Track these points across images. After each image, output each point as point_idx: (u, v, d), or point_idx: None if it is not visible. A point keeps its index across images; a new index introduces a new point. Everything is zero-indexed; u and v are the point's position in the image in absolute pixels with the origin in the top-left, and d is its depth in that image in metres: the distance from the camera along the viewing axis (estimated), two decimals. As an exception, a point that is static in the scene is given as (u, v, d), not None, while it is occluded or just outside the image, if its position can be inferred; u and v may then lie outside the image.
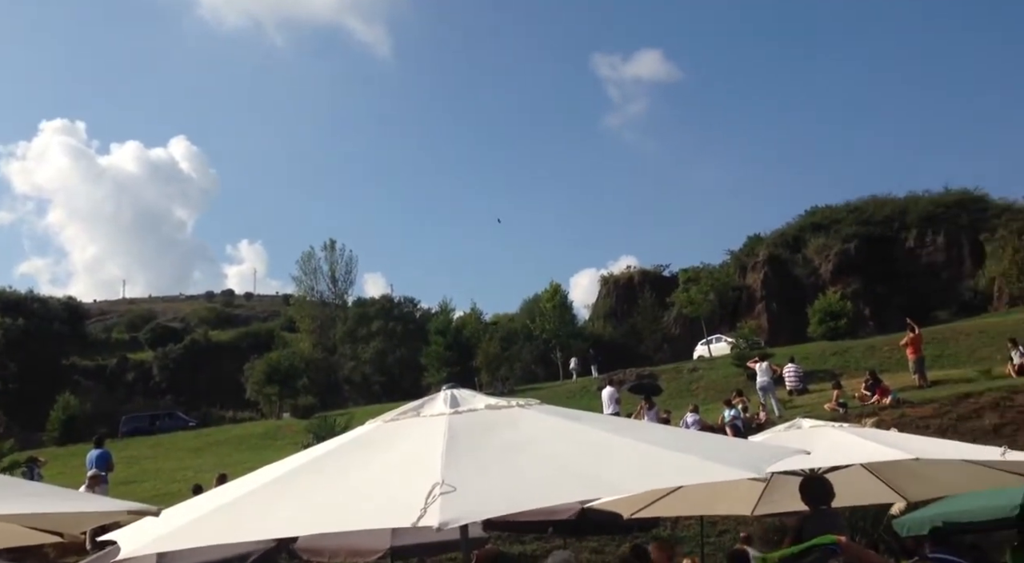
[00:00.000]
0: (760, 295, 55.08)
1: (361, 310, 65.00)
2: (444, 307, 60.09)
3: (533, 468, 3.23)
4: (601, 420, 4.15)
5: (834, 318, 40.56)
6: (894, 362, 28.79)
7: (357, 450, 3.55)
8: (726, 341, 41.45)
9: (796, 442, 6.06)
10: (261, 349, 60.22)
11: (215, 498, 3.56)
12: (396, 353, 60.49)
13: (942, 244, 53.57)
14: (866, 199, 59.49)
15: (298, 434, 32.08)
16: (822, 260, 55.08)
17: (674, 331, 55.92)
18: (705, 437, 4.77)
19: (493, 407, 3.73)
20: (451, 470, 2.95)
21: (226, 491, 3.65)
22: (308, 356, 58.40)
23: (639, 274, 62.85)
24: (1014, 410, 19.49)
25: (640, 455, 3.38)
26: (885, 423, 17.59)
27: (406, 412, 3.78)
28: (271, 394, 50.49)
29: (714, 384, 33.40)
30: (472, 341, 51.52)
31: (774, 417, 21.42)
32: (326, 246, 66.31)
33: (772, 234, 60.63)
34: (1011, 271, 40.71)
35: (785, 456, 4.03)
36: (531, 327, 54.03)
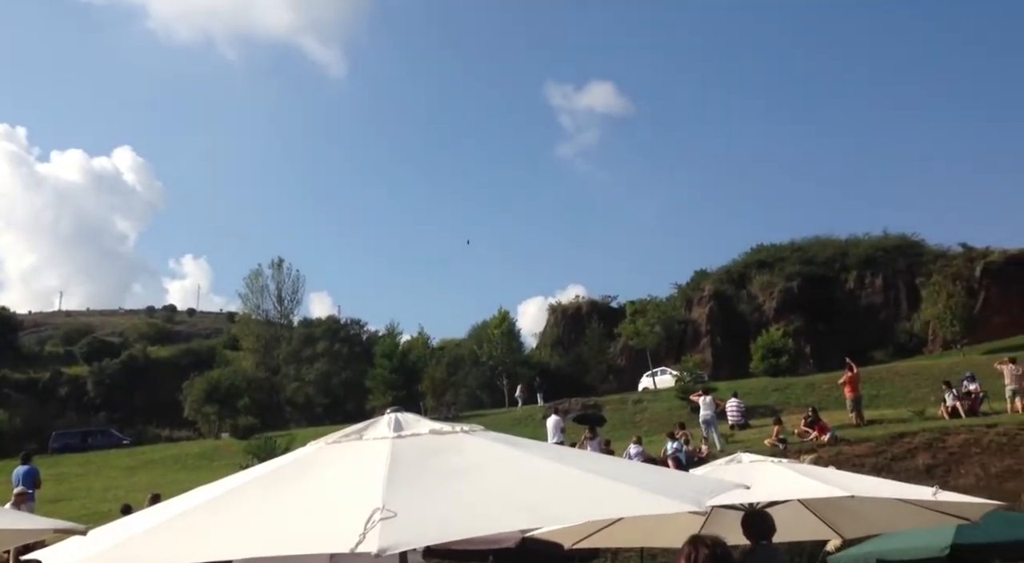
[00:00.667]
0: (705, 329, 55.93)
1: (307, 330, 64.13)
2: (391, 330, 59.65)
3: (475, 495, 3.20)
4: (545, 448, 4.15)
5: (776, 355, 41.31)
6: (832, 400, 29.40)
7: (296, 472, 3.49)
8: (671, 374, 41.87)
9: (736, 476, 6.10)
10: (202, 367, 58.96)
11: (146, 519, 3.45)
12: (341, 375, 59.70)
13: (880, 286, 55.21)
14: (810, 239, 61.17)
15: (237, 455, 31.38)
16: (766, 297, 56.24)
17: (620, 362, 56.35)
18: (647, 469, 4.79)
19: (437, 432, 3.70)
20: (392, 495, 2.92)
21: (158, 512, 3.55)
22: (250, 375, 57.31)
23: (587, 304, 63.34)
24: (945, 451, 20.03)
25: (582, 485, 3.38)
26: (823, 460, 17.93)
27: (348, 435, 3.73)
28: (210, 413, 49.36)
29: (658, 416, 33.65)
30: (418, 365, 51.17)
31: (715, 451, 21.65)
32: (273, 264, 65.50)
33: (718, 270, 61.81)
34: (945, 315, 42.03)
35: (725, 490, 4.06)
36: (478, 353, 53.92)
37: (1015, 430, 20.49)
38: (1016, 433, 20.32)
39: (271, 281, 65.16)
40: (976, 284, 50.27)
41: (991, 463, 19.38)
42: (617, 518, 6.78)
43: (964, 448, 20.06)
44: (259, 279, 64.81)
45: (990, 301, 49.16)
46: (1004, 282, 50.62)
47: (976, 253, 53.60)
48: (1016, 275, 50.86)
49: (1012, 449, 19.74)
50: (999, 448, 19.88)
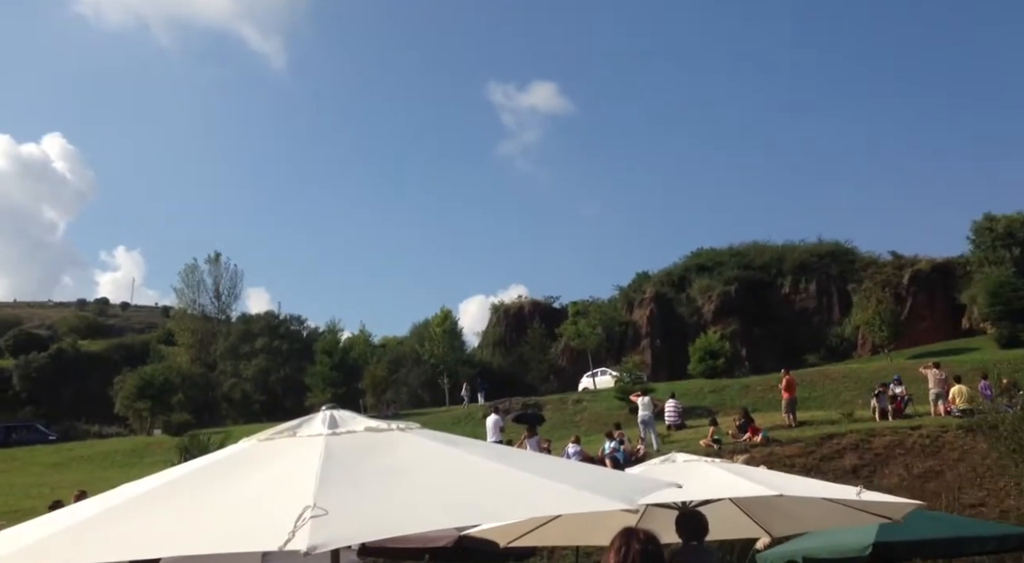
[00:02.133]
0: (646, 331, 56.65)
1: (245, 326, 63.00)
2: (332, 327, 59.03)
3: (410, 493, 3.20)
4: (480, 447, 4.16)
5: (713, 357, 42.10)
6: (766, 402, 30.09)
7: (227, 469, 3.43)
8: (611, 374, 42.29)
9: (670, 476, 6.20)
10: (135, 362, 57.41)
11: (69, 515, 3.36)
12: (280, 372, 58.82)
13: (814, 292, 56.69)
14: (748, 244, 62.45)
15: (169, 452, 30.70)
16: (705, 300, 57.23)
17: (561, 362, 56.71)
18: (581, 467, 4.84)
19: (373, 430, 3.68)
20: (324, 493, 2.89)
21: (83, 508, 3.45)
22: (185, 371, 56.05)
23: (530, 304, 63.57)
24: (872, 452, 20.69)
25: (516, 483, 3.40)
26: (755, 460, 18.34)
27: (282, 431, 3.68)
28: (142, 409, 48.15)
29: (597, 416, 33.96)
30: (359, 363, 50.73)
31: (652, 450, 21.94)
32: (210, 259, 64.24)
33: (659, 273, 62.68)
34: (874, 321, 43.37)
35: (657, 489, 4.13)
36: (420, 351, 53.68)
37: (937, 432, 21.26)
38: (938, 435, 21.09)
39: (208, 275, 63.94)
40: (904, 291, 52.04)
41: (914, 464, 20.08)
42: (553, 516, 6.84)
43: (889, 449, 20.74)
44: (195, 273, 63.58)
45: (916, 308, 50.96)
46: (930, 289, 52.55)
47: (905, 261, 55.47)
48: (941, 283, 52.86)
49: (934, 451, 20.49)
50: (922, 449, 20.61)
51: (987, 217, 50.39)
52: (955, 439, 20.69)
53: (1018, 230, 48.72)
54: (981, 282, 44.94)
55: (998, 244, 48.49)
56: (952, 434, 20.95)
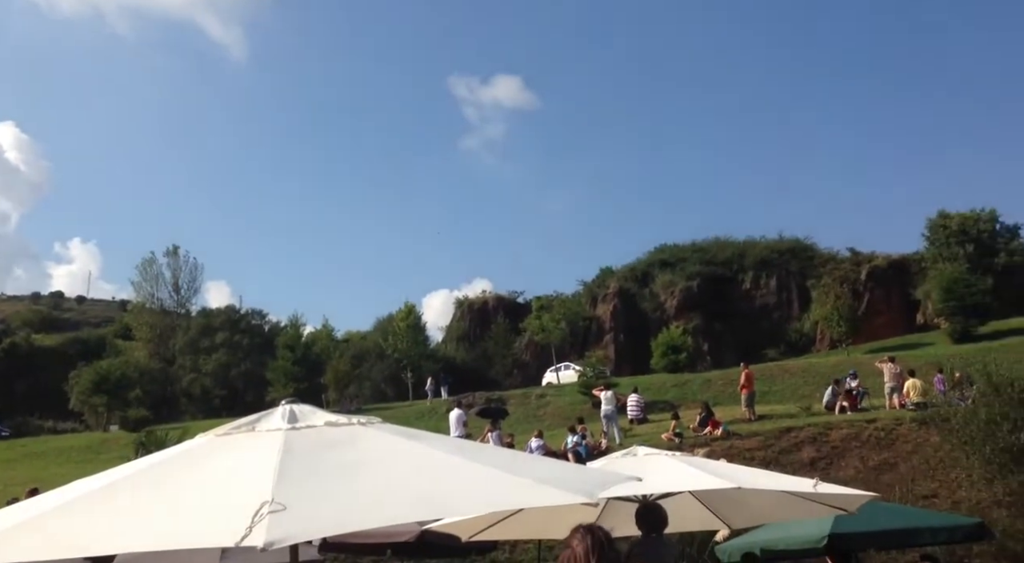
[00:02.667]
0: (609, 326, 57.02)
1: (205, 320, 62.15)
2: (294, 321, 58.44)
3: (370, 488, 3.18)
4: (441, 441, 4.15)
5: (675, 352, 42.52)
6: (727, 395, 30.47)
7: (184, 465, 3.38)
8: (574, 369, 42.49)
9: (630, 469, 6.27)
10: (91, 356, 56.31)
11: (20, 512, 3.28)
12: (241, 366, 58.14)
13: (774, 287, 57.54)
14: (710, 240, 63.15)
15: (126, 448, 30.22)
16: (668, 296, 57.75)
17: (525, 357, 56.85)
18: (542, 461, 4.87)
19: (333, 424, 3.65)
20: (283, 488, 2.86)
21: (35, 504, 3.38)
22: (143, 366, 55.14)
23: (494, 299, 63.62)
24: (828, 445, 21.07)
25: (478, 477, 3.40)
26: (715, 453, 18.55)
27: (240, 426, 3.63)
28: (98, 405, 47.29)
29: (560, 410, 34.11)
30: (322, 357, 50.34)
31: (615, 444, 22.09)
32: (169, 252, 63.22)
33: (623, 268, 63.11)
34: (832, 316, 44.11)
35: (617, 482, 4.16)
36: (384, 346, 53.41)
37: (892, 425, 21.72)
38: (893, 428, 21.54)
39: (167, 269, 62.94)
40: (861, 287, 53.06)
41: (869, 456, 20.49)
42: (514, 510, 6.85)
43: (845, 442, 21.14)
44: (153, 266, 62.55)
45: (873, 303, 51.99)
46: (886, 285, 53.65)
47: (862, 257, 56.55)
48: (897, 279, 54.00)
49: (889, 443, 20.93)
50: (877, 442, 21.04)
51: (941, 214, 51.54)
52: (909, 432, 21.14)
53: (971, 227, 49.90)
54: (935, 278, 45.93)
55: (952, 241, 49.60)
56: (906, 427, 21.40)
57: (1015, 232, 51.45)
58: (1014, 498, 16.93)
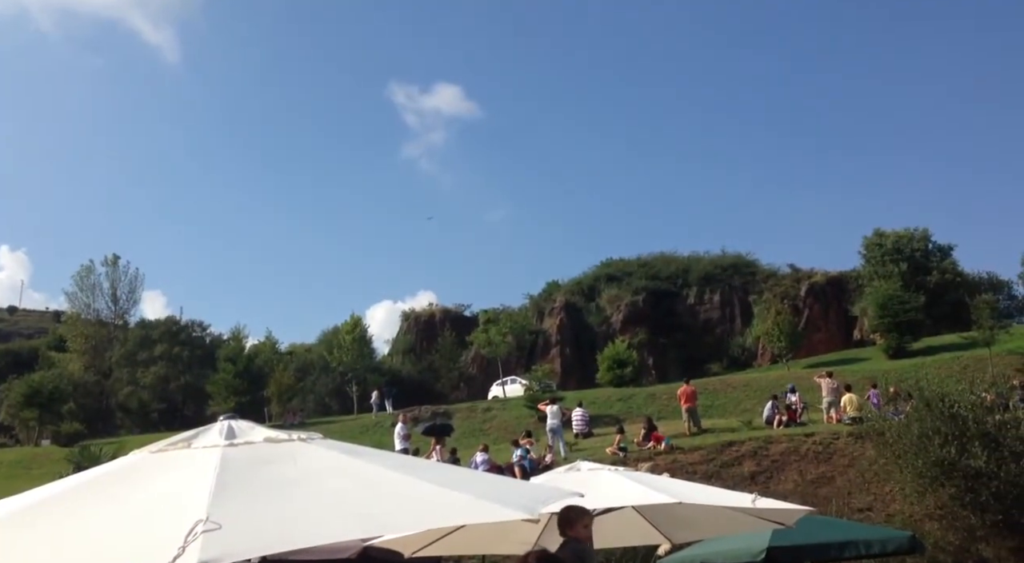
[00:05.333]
0: (555, 340, 57.24)
1: (143, 332, 60.57)
2: (236, 333, 57.41)
3: (310, 505, 3.15)
4: (383, 457, 4.12)
5: (621, 366, 42.85)
6: (671, 410, 30.81)
7: (116, 482, 3.30)
8: (520, 383, 42.50)
9: (574, 484, 6.31)
10: (22, 369, 54.32)
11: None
12: (180, 379, 56.78)
13: (717, 303, 58.53)
14: (655, 255, 64.04)
15: (58, 463, 29.24)
16: (613, 310, 58.27)
17: (471, 370, 56.72)
18: (484, 477, 4.86)
19: (272, 440, 3.61)
20: (219, 506, 2.82)
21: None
22: (77, 379, 53.46)
23: (440, 312, 63.42)
24: (768, 459, 21.47)
25: (418, 493, 3.39)
26: (659, 467, 18.76)
27: (176, 443, 3.57)
28: (29, 419, 45.67)
29: (506, 424, 34.11)
30: (265, 370, 49.47)
31: (560, 458, 22.17)
32: (107, 261, 61.50)
33: (569, 282, 63.53)
34: (773, 331, 44.99)
35: (560, 498, 4.20)
36: (328, 359, 52.75)
37: (830, 439, 22.24)
38: (831, 442, 22.06)
39: (104, 279, 61.25)
40: (801, 303, 54.32)
41: (808, 470, 20.94)
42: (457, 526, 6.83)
43: (785, 456, 21.57)
44: (90, 276, 60.78)
45: (812, 319, 53.25)
46: (825, 301, 55.05)
47: (802, 274, 57.96)
48: (835, 295, 55.49)
49: (826, 457, 21.42)
50: (815, 456, 21.52)
51: (877, 233, 53.16)
52: (846, 446, 21.67)
53: (905, 246, 51.54)
54: (871, 295, 47.21)
55: (887, 259, 51.14)
56: (843, 441, 21.93)
57: (947, 252, 53.29)
58: (944, 511, 17.48)
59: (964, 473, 16.84)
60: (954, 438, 16.99)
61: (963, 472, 16.84)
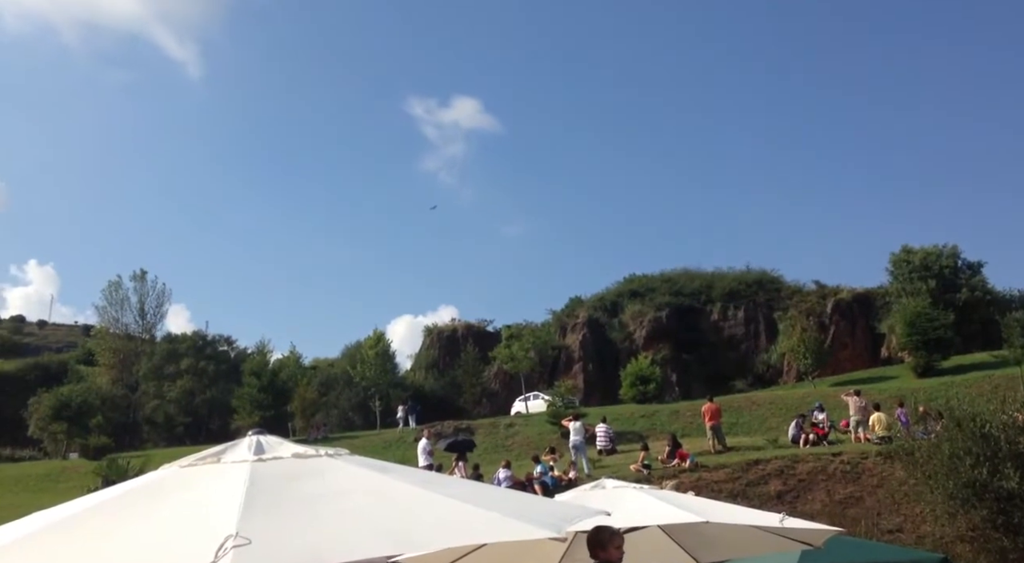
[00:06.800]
0: (578, 355, 57.08)
1: (170, 346, 61.19)
2: (261, 348, 57.81)
3: (337, 521, 3.15)
4: (409, 473, 4.12)
5: (644, 382, 42.58)
6: (695, 427, 30.56)
7: (146, 497, 3.32)
8: (543, 398, 42.39)
9: (599, 502, 6.27)
10: (52, 382, 55.07)
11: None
12: (205, 393, 57.24)
13: (742, 319, 58.08)
14: (679, 271, 63.76)
15: (86, 477, 29.54)
16: (637, 326, 58.02)
17: (494, 386, 56.67)
18: (509, 494, 4.84)
19: (300, 456, 3.62)
20: (248, 521, 2.83)
21: (-11, 539, 3.30)
22: (105, 392, 54.06)
23: (463, 327, 63.50)
24: (795, 478, 21.19)
25: (445, 511, 3.38)
26: (684, 485, 18.59)
27: (205, 457, 3.59)
28: (58, 432, 46.24)
29: (529, 440, 33.99)
30: (289, 385, 49.72)
31: (583, 475, 22.06)
32: (135, 276, 62.34)
33: (592, 297, 63.39)
34: (799, 348, 44.55)
35: (586, 516, 4.16)
36: (352, 373, 52.93)
37: (858, 459, 21.92)
38: (859, 461, 21.74)
39: (133, 293, 62.04)
40: (827, 320, 53.79)
41: (836, 490, 20.64)
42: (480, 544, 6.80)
43: (812, 475, 21.29)
44: (119, 291, 61.60)
45: (839, 336, 52.68)
46: (851, 319, 54.46)
47: (828, 290, 57.42)
48: (862, 312, 54.87)
49: (855, 477, 21.11)
50: (843, 476, 21.21)
51: (905, 249, 52.53)
52: (874, 466, 21.35)
53: (934, 262, 50.87)
54: (899, 312, 46.64)
55: (915, 276, 50.51)
56: (871, 461, 21.61)
57: (976, 269, 52.52)
58: (976, 533, 17.12)
59: (996, 494, 16.50)
60: (986, 459, 16.67)
61: (995, 493, 16.51)
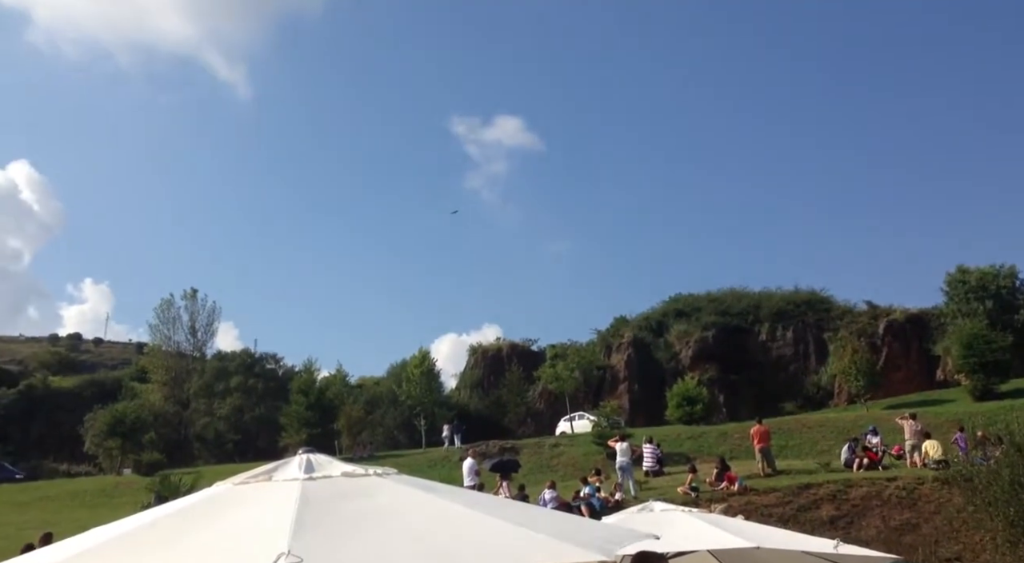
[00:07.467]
0: (623, 375, 56.63)
1: (220, 364, 62.28)
2: (308, 366, 58.45)
3: (386, 540, 3.17)
4: (457, 494, 4.13)
5: (691, 403, 42.03)
6: (744, 449, 30.04)
7: (201, 514, 3.38)
8: (588, 419, 42.10)
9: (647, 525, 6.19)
10: (107, 399, 56.36)
11: (37, 560, 3.29)
12: (254, 411, 58.08)
13: (790, 339, 57.09)
14: (725, 291, 62.94)
15: (139, 492, 30.11)
16: (682, 346, 57.41)
17: (539, 406, 56.46)
18: (558, 516, 4.81)
19: (349, 475, 3.66)
20: (299, 540, 2.86)
21: (51, 553, 3.38)
22: (158, 409, 55.18)
23: (507, 347, 63.48)
24: (849, 503, 20.66)
25: (494, 532, 3.38)
26: (733, 509, 18.27)
27: (258, 475, 3.65)
28: (112, 448, 47.27)
29: (574, 461, 33.75)
30: (335, 403, 50.17)
31: (629, 497, 21.80)
32: (186, 294, 63.63)
33: (637, 317, 62.94)
34: (850, 370, 43.61)
35: (635, 539, 4.12)
36: (397, 392, 53.22)
37: (914, 484, 21.30)
38: (915, 487, 21.13)
39: (184, 312, 63.33)
40: (879, 340, 52.57)
41: (891, 516, 20.08)
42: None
43: (866, 500, 20.75)
44: (171, 309, 62.92)
45: (892, 358, 51.43)
46: (905, 340, 53.15)
47: (880, 311, 56.14)
48: (915, 333, 53.49)
49: (911, 503, 20.52)
50: (899, 501, 20.63)
51: (960, 269, 51.17)
52: (931, 491, 20.74)
53: (990, 283, 49.45)
54: (955, 334, 45.43)
55: (971, 296, 49.17)
56: (928, 486, 21.00)
57: (1036, 289, 50.94)
58: (1040, 562, 16.51)
59: (1060, 523, 15.92)
60: (1049, 485, 16.12)
61: (1059, 522, 15.93)
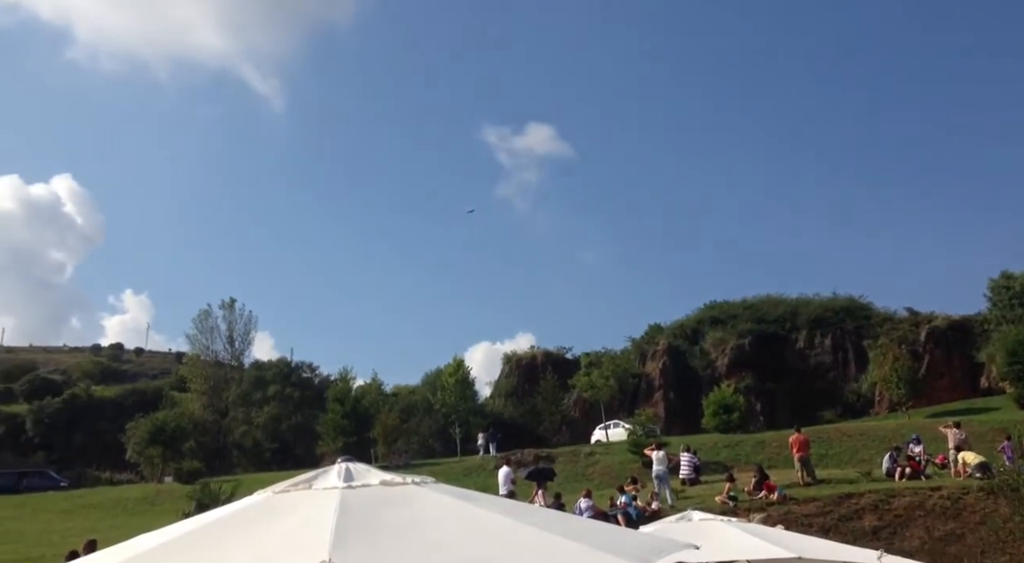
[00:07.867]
0: (659, 383, 56.23)
1: (258, 373, 63.00)
2: (344, 375, 58.87)
3: (427, 550, 3.18)
4: (495, 503, 4.13)
5: (727, 411, 41.57)
6: (782, 458, 29.63)
7: (243, 522, 3.43)
8: (623, 427, 41.80)
9: (686, 535, 6.15)
10: (147, 408, 57.30)
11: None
12: (291, 419, 58.61)
13: (829, 347, 56.23)
14: (761, 297, 62.20)
15: (180, 500, 30.50)
16: (718, 353, 56.85)
17: (574, 414, 56.24)
18: (597, 526, 4.79)
19: (388, 483, 3.68)
20: (339, 547, 2.89)
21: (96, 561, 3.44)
22: (197, 418, 55.96)
23: (542, 355, 63.37)
24: (891, 514, 20.28)
25: (533, 541, 3.37)
26: (772, 519, 18.00)
27: (298, 484, 3.68)
28: (154, 456, 48.01)
29: (610, 469, 33.55)
30: (371, 411, 50.46)
31: (666, 506, 21.62)
32: (224, 304, 64.48)
33: (672, 324, 62.45)
34: (891, 378, 42.83)
35: (675, 549, 4.08)
36: (432, 400, 53.39)
37: (958, 494, 20.84)
38: (959, 497, 20.67)
39: (222, 321, 64.17)
40: (921, 348, 51.57)
41: (935, 526, 19.66)
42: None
43: (909, 511, 20.34)
44: (209, 319, 63.79)
45: (933, 365, 50.40)
46: (947, 347, 52.06)
47: (921, 317, 55.06)
48: (958, 340, 52.36)
49: (955, 513, 20.07)
50: (943, 511, 20.19)
51: (1004, 275, 50.03)
52: (976, 501, 20.27)
53: (1036, 289, 48.32)
54: (999, 341, 44.41)
55: (1015, 302, 48.06)
56: (973, 496, 20.53)
57: (1083, 295, 49.60)
58: (1092, 574, 16.07)
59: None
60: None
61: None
